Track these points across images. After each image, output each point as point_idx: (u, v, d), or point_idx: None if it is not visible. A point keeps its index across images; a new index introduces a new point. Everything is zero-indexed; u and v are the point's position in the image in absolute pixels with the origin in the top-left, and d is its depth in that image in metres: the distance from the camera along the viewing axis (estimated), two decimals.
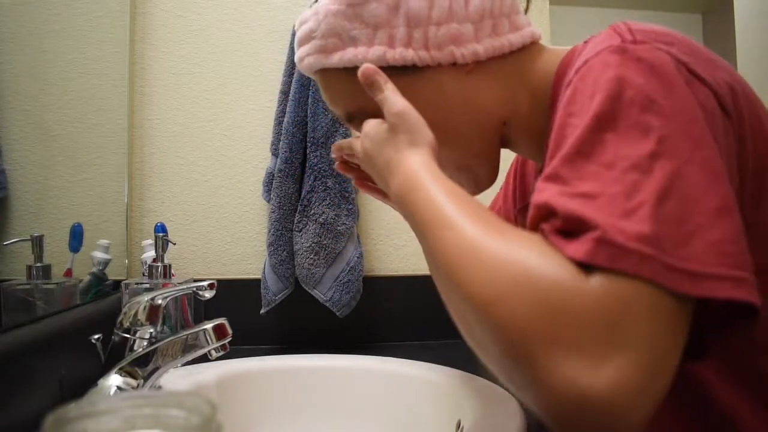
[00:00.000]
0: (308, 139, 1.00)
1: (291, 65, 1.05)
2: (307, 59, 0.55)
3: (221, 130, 1.10)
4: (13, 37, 0.66)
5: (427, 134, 0.49)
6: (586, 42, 0.50)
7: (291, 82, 1.03)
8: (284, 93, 1.05)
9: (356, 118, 0.57)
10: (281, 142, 1.01)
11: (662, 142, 0.35)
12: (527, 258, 0.34)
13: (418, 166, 0.46)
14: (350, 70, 0.52)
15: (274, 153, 1.05)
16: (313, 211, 1.00)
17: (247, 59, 1.11)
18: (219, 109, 1.10)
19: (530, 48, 0.54)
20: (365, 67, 0.50)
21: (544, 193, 0.37)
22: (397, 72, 0.51)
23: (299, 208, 1.01)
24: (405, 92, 0.50)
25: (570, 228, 0.34)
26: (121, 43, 1.02)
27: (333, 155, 0.64)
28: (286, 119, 1.01)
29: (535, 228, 0.37)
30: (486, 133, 0.55)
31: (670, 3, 2.42)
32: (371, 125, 0.52)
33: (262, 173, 1.09)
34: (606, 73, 0.39)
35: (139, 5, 1.08)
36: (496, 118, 0.55)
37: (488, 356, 0.37)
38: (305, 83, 1.02)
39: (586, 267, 0.32)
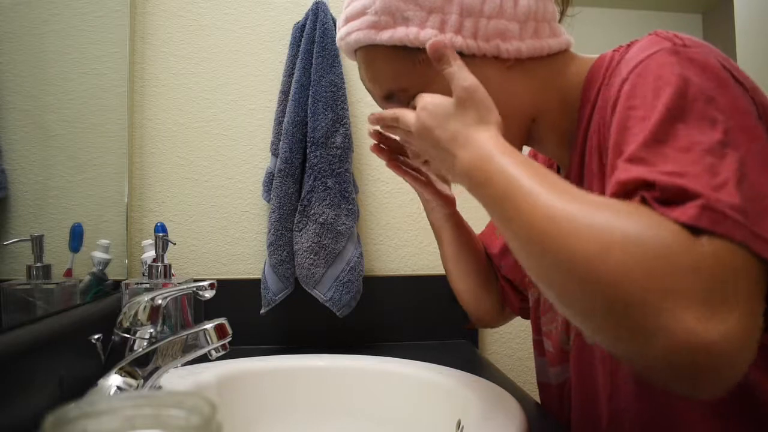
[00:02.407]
0: (308, 139, 1.00)
1: (291, 65, 1.05)
2: (355, 34, 0.56)
3: (221, 130, 1.10)
4: (13, 37, 0.66)
5: (495, 113, 0.51)
6: (616, 50, 0.54)
7: (291, 82, 1.03)
8: (284, 93, 1.05)
9: (395, 99, 0.58)
10: (281, 142, 1.01)
11: (727, 132, 0.39)
12: (628, 217, 0.37)
13: (492, 141, 0.48)
14: (398, 50, 0.54)
15: (274, 153, 1.05)
16: (313, 211, 1.00)
17: (247, 59, 1.11)
18: (219, 109, 1.10)
19: (564, 53, 0.58)
20: (435, 40, 0.51)
21: (632, 171, 0.40)
22: None
23: (299, 208, 1.01)
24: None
25: (670, 197, 0.37)
26: (121, 43, 1.02)
27: (370, 127, 0.63)
28: (286, 119, 1.01)
29: (627, 197, 0.40)
30: (516, 128, 0.57)
31: (670, 3, 2.42)
32: (431, 99, 0.53)
33: (262, 173, 1.09)
34: (667, 72, 0.43)
35: (139, 5, 1.08)
36: (527, 114, 0.58)
37: (589, 313, 0.38)
38: (305, 83, 1.02)
39: (691, 229, 0.35)
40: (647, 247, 0.35)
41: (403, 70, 0.55)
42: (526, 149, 0.66)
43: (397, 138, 0.60)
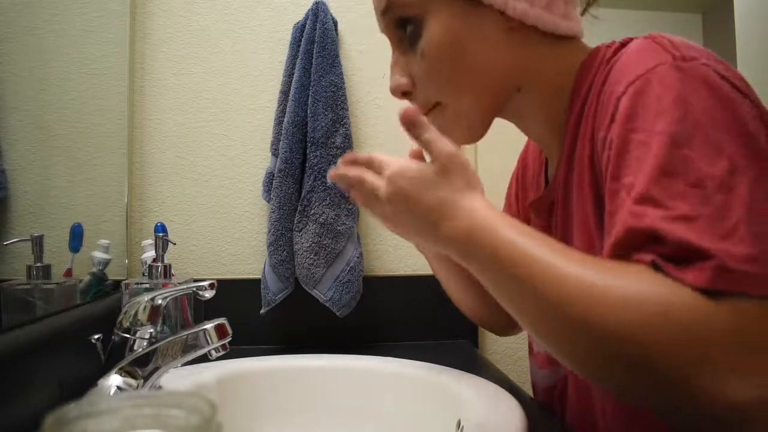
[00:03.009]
0: (308, 139, 1.00)
1: (291, 65, 1.05)
2: None
3: (221, 130, 1.10)
4: (13, 37, 0.66)
5: (477, 177, 0.50)
6: (609, 45, 0.53)
7: (291, 82, 1.03)
8: (284, 93, 1.05)
9: (389, 13, 0.56)
10: (281, 142, 1.01)
11: (733, 158, 0.39)
12: (648, 290, 0.37)
13: (485, 208, 0.47)
14: None
15: (274, 153, 1.05)
16: (313, 211, 1.00)
17: (247, 59, 1.11)
18: (219, 109, 1.10)
19: (571, 40, 0.57)
20: (406, 109, 0.49)
21: (644, 219, 0.39)
22: None
23: (299, 208, 1.01)
24: (452, 16, 0.53)
25: (681, 255, 0.37)
26: (121, 43, 1.02)
27: (331, 170, 0.58)
28: (286, 119, 1.01)
29: (635, 248, 0.39)
30: (498, 89, 0.57)
31: (670, 3, 2.41)
32: (410, 165, 0.50)
33: (262, 173, 1.09)
34: (669, 93, 0.41)
35: (139, 5, 1.08)
36: (512, 81, 0.57)
37: (626, 388, 0.39)
38: (305, 83, 1.02)
39: (707, 292, 0.36)
40: (671, 319, 0.36)
41: None
42: (519, 137, 0.66)
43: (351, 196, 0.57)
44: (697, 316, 0.35)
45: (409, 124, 0.49)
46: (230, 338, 0.61)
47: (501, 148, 0.92)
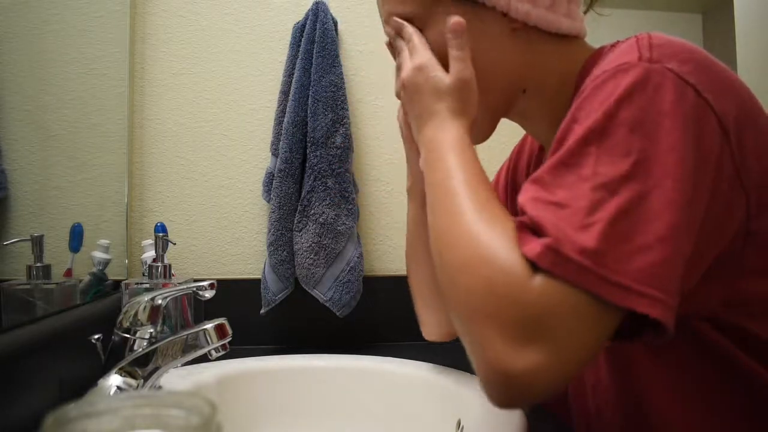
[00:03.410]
0: (308, 139, 1.00)
1: (291, 65, 1.05)
2: None
3: (221, 130, 1.10)
4: (13, 37, 0.66)
5: (474, 109, 0.54)
6: (613, 45, 0.53)
7: (291, 82, 1.03)
8: (284, 93, 1.05)
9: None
10: (281, 142, 1.01)
11: (638, 164, 0.39)
12: (494, 239, 0.41)
13: (456, 134, 0.52)
14: None
15: (274, 153, 1.05)
16: (313, 211, 1.00)
17: (247, 59, 1.11)
18: (219, 109, 1.10)
19: (574, 40, 0.58)
20: (458, 20, 0.53)
21: (526, 194, 0.42)
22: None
23: (299, 208, 1.01)
24: None
25: (534, 228, 0.39)
26: (121, 43, 1.02)
27: (391, 27, 0.62)
28: (286, 119, 1.01)
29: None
30: (504, 91, 0.58)
31: (670, 3, 2.41)
32: (433, 66, 0.55)
33: (262, 173, 1.09)
34: (617, 90, 0.41)
35: (139, 5, 1.08)
36: (518, 82, 0.58)
37: (452, 315, 0.44)
38: (305, 83, 1.02)
39: (535, 265, 0.38)
40: (494, 271, 0.39)
41: None
42: (517, 132, 0.67)
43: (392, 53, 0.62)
44: (510, 280, 0.38)
45: (454, 33, 0.53)
46: (230, 338, 0.62)
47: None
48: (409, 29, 0.57)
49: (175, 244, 1.00)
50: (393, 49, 0.61)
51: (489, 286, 0.39)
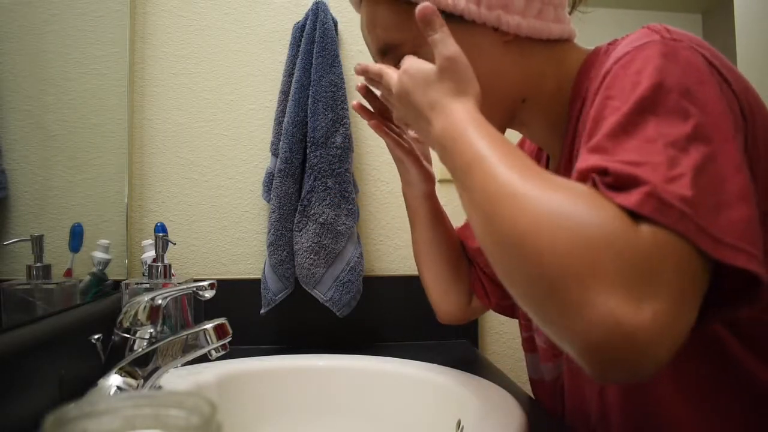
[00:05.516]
0: (308, 139, 1.00)
1: (291, 65, 1.05)
2: None
3: (221, 130, 1.10)
4: (13, 37, 0.66)
5: (475, 85, 0.50)
6: (611, 44, 0.54)
7: (291, 82, 1.03)
8: (284, 93, 1.05)
9: (390, 54, 0.58)
10: (281, 142, 1.01)
11: (698, 127, 0.38)
12: (568, 198, 0.37)
13: (466, 113, 0.48)
14: (400, 2, 0.55)
15: (274, 153, 1.05)
16: (313, 211, 1.00)
17: (247, 59, 1.11)
18: (219, 109, 1.10)
19: (565, 43, 0.58)
20: (425, 5, 0.51)
21: (590, 160, 0.39)
22: (444, 17, 0.52)
23: (299, 208, 1.00)
24: None
25: (621, 184, 0.37)
26: (121, 43, 1.02)
27: (358, 81, 0.63)
28: (286, 119, 1.01)
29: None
30: (501, 104, 0.58)
31: (670, 3, 2.41)
32: (415, 64, 0.53)
33: (262, 173, 1.09)
34: (649, 64, 0.42)
35: (139, 5, 1.08)
36: (515, 94, 0.58)
37: (522, 291, 0.38)
38: (305, 83, 1.02)
39: (631, 217, 0.35)
40: (580, 226, 0.35)
41: (402, 24, 0.55)
42: (515, 135, 0.66)
43: (380, 97, 0.61)
44: (607, 230, 0.34)
45: (424, 22, 0.50)
46: (230, 338, 0.62)
47: None
48: (393, 75, 0.56)
49: (175, 244, 1.00)
50: (372, 82, 0.60)
51: (580, 240, 0.34)
